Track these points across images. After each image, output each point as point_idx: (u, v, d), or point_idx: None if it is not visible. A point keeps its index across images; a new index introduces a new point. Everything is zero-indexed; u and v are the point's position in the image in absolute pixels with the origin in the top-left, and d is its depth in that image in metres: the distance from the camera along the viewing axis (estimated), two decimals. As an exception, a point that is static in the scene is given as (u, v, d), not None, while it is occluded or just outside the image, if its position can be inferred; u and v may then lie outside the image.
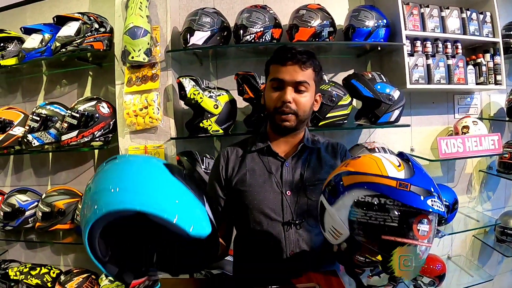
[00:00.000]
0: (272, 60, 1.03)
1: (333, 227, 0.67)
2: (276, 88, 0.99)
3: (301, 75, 0.97)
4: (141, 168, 0.62)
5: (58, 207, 1.76)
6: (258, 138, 1.08)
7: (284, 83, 0.97)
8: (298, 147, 1.05)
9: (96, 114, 1.65)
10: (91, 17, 1.72)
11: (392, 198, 0.60)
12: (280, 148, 1.06)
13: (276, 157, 1.04)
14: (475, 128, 1.85)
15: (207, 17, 1.58)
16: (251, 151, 1.06)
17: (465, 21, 1.87)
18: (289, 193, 1.00)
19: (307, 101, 1.00)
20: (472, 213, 2.02)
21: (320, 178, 1.01)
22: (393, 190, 0.60)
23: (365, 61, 1.92)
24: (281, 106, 0.97)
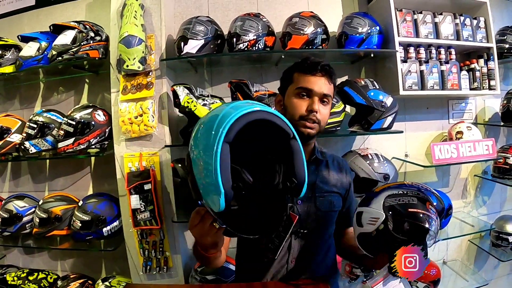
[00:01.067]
0: (299, 68, 1.04)
1: (370, 218, 0.85)
2: (302, 96, 1.01)
3: (327, 88, 1.01)
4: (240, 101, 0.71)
5: (55, 213, 1.77)
6: None
7: (312, 93, 0.99)
8: (309, 157, 1.07)
9: (92, 121, 1.66)
10: (87, 25, 1.73)
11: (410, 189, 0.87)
12: None
13: None
14: (469, 133, 1.86)
15: (201, 25, 1.59)
16: None
17: (458, 26, 1.88)
18: (299, 202, 1.02)
19: (328, 113, 1.04)
20: (467, 218, 2.02)
21: (328, 190, 1.06)
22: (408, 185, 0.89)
23: (359, 67, 1.93)
24: (307, 115, 0.99)
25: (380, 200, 0.86)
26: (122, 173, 1.63)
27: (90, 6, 1.96)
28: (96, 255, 1.96)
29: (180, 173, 1.56)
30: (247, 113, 0.62)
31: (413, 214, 0.81)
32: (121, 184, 1.64)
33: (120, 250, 1.73)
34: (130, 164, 1.62)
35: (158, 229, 1.63)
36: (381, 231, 0.83)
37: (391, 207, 0.84)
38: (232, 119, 0.60)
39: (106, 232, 1.72)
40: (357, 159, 1.67)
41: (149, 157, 1.61)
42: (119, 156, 1.64)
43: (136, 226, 1.61)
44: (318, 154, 1.10)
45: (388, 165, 1.70)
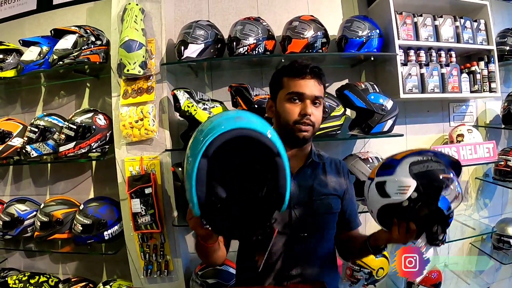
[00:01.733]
0: (287, 73, 1.03)
1: (399, 187, 0.82)
2: (294, 101, 1.00)
3: (318, 90, 1.01)
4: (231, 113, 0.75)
5: (56, 216, 1.77)
6: None
7: (304, 97, 0.99)
8: (306, 161, 1.07)
9: (93, 125, 1.67)
10: (87, 30, 1.74)
11: (434, 155, 0.87)
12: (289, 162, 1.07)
13: None
14: (470, 136, 1.86)
15: (201, 29, 1.60)
16: None
17: (459, 29, 1.88)
18: (296, 207, 1.02)
19: (320, 114, 1.04)
20: (469, 221, 2.02)
21: (326, 193, 1.05)
22: (430, 151, 0.89)
23: (359, 71, 1.93)
24: (301, 119, 0.99)
25: (405, 168, 0.82)
26: (123, 177, 1.64)
27: (91, 11, 1.98)
28: (97, 258, 1.97)
29: (181, 177, 1.57)
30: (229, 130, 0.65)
31: (446, 179, 0.82)
32: (122, 188, 1.65)
33: (121, 253, 1.73)
34: (131, 168, 1.63)
35: (158, 233, 1.63)
36: (414, 200, 0.80)
37: (422, 174, 0.81)
38: (212, 137, 0.64)
39: (107, 236, 1.72)
40: (357, 162, 1.67)
41: (149, 161, 1.62)
42: (120, 160, 1.65)
43: (137, 230, 1.61)
44: (315, 157, 1.09)
45: (389, 168, 1.69)
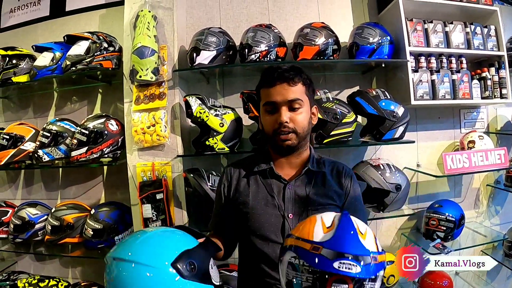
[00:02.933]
0: (261, 84, 1.02)
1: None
2: (270, 111, 0.99)
3: (291, 92, 0.97)
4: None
5: (67, 221, 1.79)
6: (261, 158, 1.07)
7: (277, 105, 0.97)
8: (302, 170, 1.03)
9: (105, 131, 1.68)
10: (100, 36, 1.76)
11: (305, 261, 0.66)
12: (283, 169, 1.05)
13: (279, 179, 1.03)
14: (481, 142, 1.85)
15: (213, 36, 1.61)
16: (254, 172, 1.06)
17: (469, 35, 1.88)
18: (291, 216, 0.99)
19: (304, 117, 0.99)
20: (480, 228, 2.00)
21: (323, 203, 1.00)
22: (306, 253, 0.67)
23: (370, 77, 1.93)
24: (279, 128, 0.97)
25: (285, 264, 0.71)
26: (135, 183, 1.65)
27: (103, 17, 2.00)
28: (107, 263, 1.97)
29: (192, 183, 1.57)
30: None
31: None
32: (133, 193, 1.66)
33: (131, 258, 1.74)
34: (142, 174, 1.64)
35: (169, 239, 1.63)
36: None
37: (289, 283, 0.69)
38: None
39: (118, 241, 1.73)
40: (368, 169, 1.66)
41: (161, 167, 1.63)
42: (132, 166, 1.66)
43: (148, 235, 1.62)
44: (313, 166, 1.04)
45: (400, 175, 1.69)
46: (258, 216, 1.01)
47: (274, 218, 1.00)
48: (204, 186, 1.56)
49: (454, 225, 1.77)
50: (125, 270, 0.67)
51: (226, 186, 1.09)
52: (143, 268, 0.65)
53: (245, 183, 1.06)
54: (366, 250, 0.66)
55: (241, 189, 1.06)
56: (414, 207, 1.93)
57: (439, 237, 1.78)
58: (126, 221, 1.76)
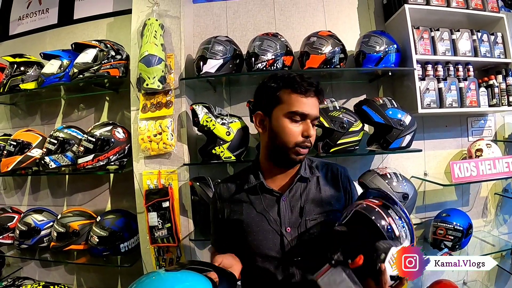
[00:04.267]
0: (288, 87, 0.92)
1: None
2: (297, 121, 0.92)
3: (318, 108, 0.95)
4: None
5: (73, 228, 1.79)
6: (251, 172, 1.02)
7: (307, 117, 0.92)
8: (294, 179, 0.98)
9: (111, 139, 1.69)
10: (108, 44, 1.78)
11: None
12: (275, 182, 1.00)
13: (271, 193, 0.98)
14: (489, 151, 1.83)
15: (220, 45, 1.62)
16: (245, 189, 1.00)
17: (476, 42, 1.87)
18: (288, 230, 0.95)
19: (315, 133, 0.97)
20: (488, 237, 1.97)
21: (321, 211, 0.96)
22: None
23: (377, 86, 1.93)
24: (303, 141, 0.92)
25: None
26: (141, 191, 1.65)
27: (111, 26, 2.02)
28: (112, 271, 1.97)
29: (198, 192, 1.57)
30: None
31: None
32: (139, 201, 1.66)
33: (136, 266, 1.74)
34: (148, 182, 1.64)
35: (175, 247, 1.63)
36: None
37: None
38: None
39: (123, 248, 1.73)
40: (375, 178, 1.65)
41: (167, 175, 1.63)
42: (138, 174, 1.66)
43: (153, 243, 1.62)
44: (305, 172, 0.99)
45: (407, 184, 1.67)
46: (254, 235, 0.96)
47: (272, 234, 0.96)
48: (210, 194, 1.56)
49: (462, 234, 1.75)
50: None
51: (218, 207, 1.04)
52: None
53: (238, 201, 1.01)
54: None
55: (235, 208, 1.00)
56: (421, 216, 1.91)
57: (447, 247, 1.76)
58: (132, 228, 1.76)
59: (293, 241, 0.94)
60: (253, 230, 0.97)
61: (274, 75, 0.99)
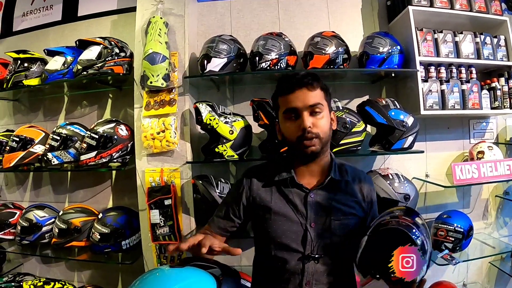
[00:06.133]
0: (278, 92, 1.01)
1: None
2: (292, 118, 0.97)
3: (312, 97, 0.96)
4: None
5: (75, 224, 1.80)
6: (282, 166, 1.06)
7: (299, 110, 0.96)
8: (324, 178, 1.01)
9: (114, 136, 1.69)
10: (112, 41, 1.78)
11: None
12: (305, 178, 1.03)
13: (301, 188, 1.02)
14: (490, 153, 1.83)
15: (224, 44, 1.62)
16: (275, 181, 1.04)
17: (479, 45, 1.87)
18: (313, 225, 0.98)
19: (325, 121, 0.98)
20: (488, 240, 1.98)
21: (345, 212, 1.00)
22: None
23: (380, 87, 1.93)
24: (303, 134, 0.95)
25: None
26: (143, 188, 1.65)
27: (115, 23, 2.03)
28: (113, 268, 1.98)
29: (201, 190, 1.57)
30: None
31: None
32: (142, 199, 1.66)
33: (137, 264, 1.74)
34: (151, 179, 1.65)
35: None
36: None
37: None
38: None
39: (125, 246, 1.74)
40: (377, 179, 1.65)
41: (170, 173, 1.63)
42: (141, 171, 1.67)
43: (155, 241, 1.62)
44: (336, 174, 1.02)
45: (409, 185, 1.68)
46: (279, 224, 1.00)
47: (296, 226, 0.99)
48: (213, 193, 1.57)
49: (462, 236, 1.75)
50: None
51: (245, 191, 1.07)
52: None
53: (267, 191, 1.04)
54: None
55: (263, 196, 1.04)
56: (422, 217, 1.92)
57: (447, 248, 1.76)
58: (133, 226, 1.77)
59: (316, 237, 0.98)
60: (280, 218, 1.00)
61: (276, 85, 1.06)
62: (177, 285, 0.71)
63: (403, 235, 0.83)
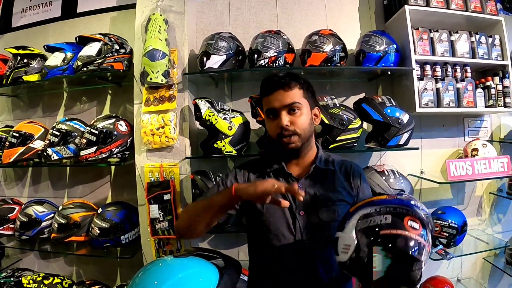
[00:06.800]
0: (261, 93, 1.09)
1: (344, 245, 0.77)
2: (272, 118, 1.05)
3: (288, 97, 1.03)
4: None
5: (74, 219, 1.81)
6: (273, 159, 1.12)
7: (277, 110, 1.03)
8: (310, 168, 1.07)
9: (114, 131, 1.71)
10: (112, 38, 1.79)
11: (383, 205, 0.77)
12: (294, 169, 1.10)
13: (290, 178, 1.08)
14: (484, 150, 1.87)
15: (223, 41, 1.64)
16: (267, 172, 1.10)
17: (474, 44, 1.90)
18: (302, 214, 1.03)
19: (304, 119, 1.04)
20: (482, 236, 2.01)
21: (333, 199, 1.04)
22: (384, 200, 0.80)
23: (376, 84, 1.96)
24: (281, 132, 1.02)
25: (353, 223, 0.77)
26: (142, 183, 1.67)
27: (114, 20, 2.04)
28: (112, 262, 1.99)
29: (200, 185, 1.59)
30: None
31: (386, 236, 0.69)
32: (141, 194, 1.68)
33: (135, 259, 1.76)
34: (150, 175, 1.66)
35: (175, 239, 1.65)
36: (353, 259, 0.73)
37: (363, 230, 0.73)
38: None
39: (124, 240, 1.75)
40: (373, 175, 1.68)
41: (169, 168, 1.65)
42: (140, 166, 1.68)
43: (154, 235, 1.64)
44: (321, 164, 1.09)
45: (404, 181, 1.71)
46: (271, 212, 1.05)
47: (287, 214, 1.04)
48: (211, 188, 1.59)
49: (456, 231, 1.79)
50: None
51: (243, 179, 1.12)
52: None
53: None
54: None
55: None
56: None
57: (442, 243, 1.80)
58: (132, 221, 1.78)
59: (304, 224, 1.03)
60: (271, 207, 1.04)
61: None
62: (180, 274, 0.73)
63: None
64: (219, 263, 0.83)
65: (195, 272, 0.75)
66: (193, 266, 0.77)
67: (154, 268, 0.76)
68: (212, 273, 0.77)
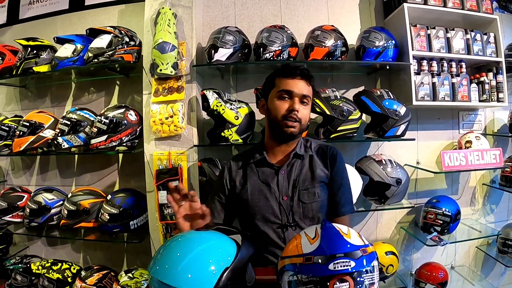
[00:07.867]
0: (279, 74, 1.15)
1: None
2: (285, 98, 1.11)
3: (306, 89, 1.12)
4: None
5: (83, 206, 1.86)
6: (256, 150, 1.21)
7: (293, 94, 1.10)
8: (290, 155, 1.16)
9: (124, 120, 1.77)
10: (122, 31, 1.84)
11: (302, 273, 0.72)
12: (276, 157, 1.19)
13: (272, 167, 1.17)
14: (478, 143, 1.94)
15: (230, 35, 1.71)
16: (250, 163, 1.20)
17: (469, 41, 1.98)
18: (285, 198, 1.12)
19: (308, 113, 1.15)
20: (475, 225, 2.09)
21: (311, 183, 1.13)
22: (302, 266, 0.73)
23: (375, 78, 2.03)
24: (288, 114, 1.10)
25: (284, 285, 0.76)
26: (151, 171, 1.73)
27: (122, 13, 2.08)
28: (118, 249, 2.05)
29: (207, 172, 1.66)
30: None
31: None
32: (149, 181, 1.74)
33: (141, 245, 1.82)
34: (158, 162, 1.72)
35: (182, 224, 1.71)
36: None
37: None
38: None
39: (133, 226, 1.81)
40: (371, 164, 1.76)
41: (177, 156, 1.71)
42: (149, 154, 1.74)
43: (162, 220, 1.70)
44: (300, 150, 1.17)
45: (401, 170, 1.79)
46: (256, 201, 1.14)
47: (271, 201, 1.13)
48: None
49: (450, 219, 1.87)
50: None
51: (228, 178, 1.21)
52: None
53: (243, 173, 1.20)
54: (354, 246, 0.72)
55: (240, 178, 1.19)
56: (413, 202, 2.02)
57: (436, 231, 1.88)
58: (141, 206, 1.84)
59: (288, 208, 1.12)
60: (257, 196, 1.14)
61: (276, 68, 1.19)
62: (200, 246, 0.76)
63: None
64: (236, 237, 0.86)
65: (214, 244, 0.78)
66: (212, 238, 0.80)
67: (175, 243, 0.78)
68: (230, 246, 0.80)
